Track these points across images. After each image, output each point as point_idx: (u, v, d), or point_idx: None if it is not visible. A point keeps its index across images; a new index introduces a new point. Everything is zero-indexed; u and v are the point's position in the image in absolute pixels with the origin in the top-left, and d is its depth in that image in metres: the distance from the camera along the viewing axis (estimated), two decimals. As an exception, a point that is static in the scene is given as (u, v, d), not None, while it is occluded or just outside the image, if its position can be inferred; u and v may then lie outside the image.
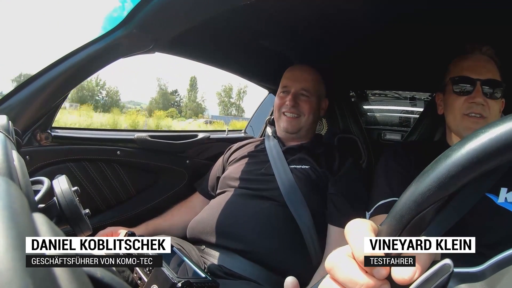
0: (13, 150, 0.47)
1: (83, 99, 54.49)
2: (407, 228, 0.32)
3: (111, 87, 61.51)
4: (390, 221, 0.34)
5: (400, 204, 0.33)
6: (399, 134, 1.89)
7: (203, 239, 1.17)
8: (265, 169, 1.29)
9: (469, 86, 0.98)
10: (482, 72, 0.98)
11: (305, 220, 1.15)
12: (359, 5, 1.06)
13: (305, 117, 1.35)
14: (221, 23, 1.18)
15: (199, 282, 0.76)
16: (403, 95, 2.13)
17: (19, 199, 0.20)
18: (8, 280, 0.13)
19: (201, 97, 66.84)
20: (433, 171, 0.30)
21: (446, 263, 0.31)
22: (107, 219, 1.34)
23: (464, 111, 0.98)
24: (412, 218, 0.32)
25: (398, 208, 0.33)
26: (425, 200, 0.31)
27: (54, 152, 1.17)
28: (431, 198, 0.30)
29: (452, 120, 1.03)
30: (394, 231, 0.33)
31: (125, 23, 1.00)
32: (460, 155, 0.29)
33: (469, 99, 0.97)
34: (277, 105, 1.39)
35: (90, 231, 0.64)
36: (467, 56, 1.03)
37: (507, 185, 0.91)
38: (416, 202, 0.31)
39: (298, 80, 1.36)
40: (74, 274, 0.17)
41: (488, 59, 1.01)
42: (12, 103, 0.96)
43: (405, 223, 0.32)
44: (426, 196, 0.30)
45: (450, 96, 1.03)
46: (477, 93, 0.97)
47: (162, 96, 63.21)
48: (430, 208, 0.31)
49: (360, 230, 0.35)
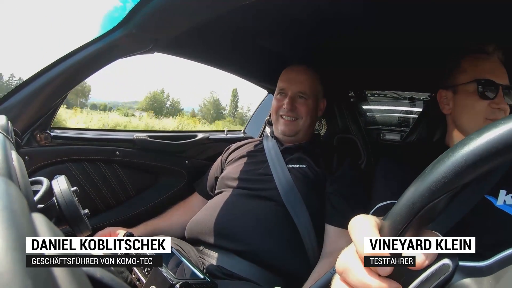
0: (12, 150, 0.47)
1: (155, 109, 63.45)
2: (417, 217, 0.31)
3: (174, 97, 72.48)
4: (400, 208, 0.33)
5: (411, 192, 0.32)
6: (398, 134, 1.90)
7: (201, 240, 1.17)
8: (263, 169, 1.29)
9: (493, 90, 0.96)
10: (503, 77, 0.97)
11: (303, 220, 1.15)
12: (358, 4, 1.06)
13: (302, 119, 1.35)
14: (219, 23, 1.18)
15: (197, 283, 0.75)
16: (402, 95, 2.13)
17: (19, 200, 0.20)
18: (8, 281, 0.13)
19: (247, 107, 70.90)
20: (450, 159, 0.30)
21: (445, 263, 0.31)
22: (106, 219, 1.33)
23: (488, 115, 0.96)
24: (424, 206, 0.31)
25: (409, 195, 0.32)
26: (440, 188, 0.30)
27: (53, 152, 1.17)
28: (446, 186, 0.30)
29: (470, 123, 1.01)
30: (404, 219, 0.32)
31: (124, 23, 1.00)
32: (479, 143, 0.28)
33: (493, 104, 0.96)
34: (274, 107, 1.39)
35: (89, 231, 0.64)
36: (488, 58, 1.00)
37: (506, 187, 0.91)
38: (430, 190, 0.30)
39: (295, 83, 1.36)
40: (74, 275, 0.17)
41: (501, 63, 1.00)
42: (11, 103, 0.96)
43: (416, 210, 0.31)
44: (441, 183, 0.30)
45: (470, 98, 1.00)
46: (500, 98, 0.95)
47: (214, 106, 67.94)
48: (443, 197, 0.30)
49: (363, 227, 0.35)
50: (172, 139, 1.56)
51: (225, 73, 1.73)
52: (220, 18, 1.06)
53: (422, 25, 1.14)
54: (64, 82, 1.02)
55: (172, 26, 1.06)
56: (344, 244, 0.41)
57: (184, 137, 1.61)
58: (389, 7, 1.05)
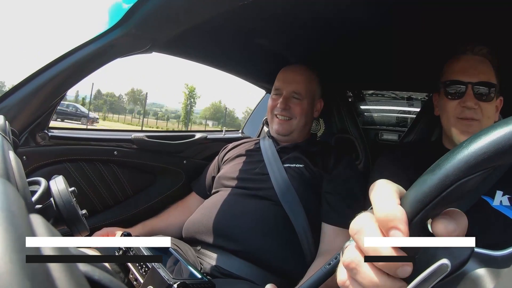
0: (10, 150, 0.46)
1: (217, 118, 75.50)
2: (448, 191, 0.30)
3: (229, 108, 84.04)
4: (430, 179, 0.31)
5: (446, 163, 0.30)
6: (396, 134, 1.90)
7: (199, 239, 1.17)
8: (260, 168, 1.29)
9: (461, 89, 0.98)
10: (474, 74, 0.97)
11: (300, 219, 1.15)
12: (356, 4, 1.06)
13: (296, 119, 1.36)
14: (217, 23, 1.18)
15: (195, 283, 0.75)
16: (400, 95, 2.14)
17: (16, 200, 0.20)
18: (6, 283, 0.13)
19: (245, 110, 76.10)
20: (492, 136, 0.28)
21: (443, 263, 0.31)
22: (104, 219, 1.33)
23: (458, 114, 0.98)
24: (459, 180, 0.29)
25: (442, 167, 0.30)
26: (479, 164, 0.28)
27: (51, 152, 1.17)
28: (485, 163, 0.28)
29: (445, 123, 1.03)
30: (433, 191, 0.30)
31: (122, 22, 1.00)
32: None
33: (461, 103, 0.97)
34: (270, 106, 1.40)
35: (87, 232, 0.64)
36: (459, 58, 1.02)
37: (503, 188, 0.92)
38: (468, 164, 0.29)
39: (290, 82, 1.36)
40: (72, 276, 0.17)
41: (482, 59, 1.00)
42: (9, 103, 0.95)
43: (449, 184, 0.29)
44: (481, 159, 0.28)
45: (443, 99, 1.03)
46: (468, 96, 0.96)
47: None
48: (479, 174, 0.29)
49: (384, 191, 0.34)
50: (170, 139, 1.56)
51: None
52: (219, 17, 1.06)
53: (418, 25, 1.14)
54: (62, 82, 1.01)
55: (171, 25, 1.05)
56: (341, 243, 0.40)
57: (182, 137, 1.61)
58: (390, 7, 1.05)
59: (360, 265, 0.33)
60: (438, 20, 1.09)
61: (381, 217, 0.31)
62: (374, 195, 0.34)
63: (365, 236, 0.32)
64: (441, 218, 0.32)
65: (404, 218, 0.31)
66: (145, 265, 0.77)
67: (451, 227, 0.31)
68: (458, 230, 0.31)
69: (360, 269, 0.33)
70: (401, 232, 0.30)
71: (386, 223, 0.31)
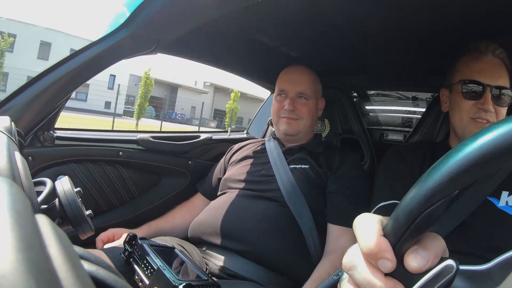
0: (16, 151, 0.47)
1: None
2: (415, 223, 0.31)
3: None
4: (399, 214, 0.33)
5: (409, 199, 0.32)
6: (402, 135, 1.89)
7: (204, 240, 1.17)
8: (266, 170, 1.29)
9: (479, 90, 0.96)
10: (495, 77, 0.95)
11: (306, 220, 1.15)
12: (359, 3, 1.05)
13: (304, 120, 1.35)
14: (221, 23, 1.18)
15: (200, 285, 0.75)
16: (405, 95, 2.13)
17: (22, 201, 0.20)
18: (11, 283, 0.13)
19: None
20: (444, 165, 0.29)
21: (448, 264, 0.31)
22: (110, 220, 1.34)
23: (472, 115, 0.96)
24: (422, 212, 0.31)
25: (406, 202, 0.32)
26: (435, 195, 0.30)
27: (57, 153, 1.17)
28: (441, 193, 0.30)
29: (457, 121, 1.02)
30: (402, 225, 0.32)
31: (127, 23, 1.01)
32: (472, 149, 0.28)
33: (478, 104, 0.95)
34: (275, 109, 1.39)
35: (93, 232, 0.65)
36: (480, 57, 0.99)
37: (508, 188, 0.91)
38: (426, 197, 0.30)
39: (295, 83, 1.36)
40: (77, 276, 0.17)
41: (500, 63, 0.98)
42: (15, 104, 0.96)
43: (414, 217, 0.31)
44: (437, 190, 0.30)
45: (457, 97, 1.01)
46: (486, 99, 0.94)
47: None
48: (440, 203, 0.30)
49: (367, 225, 0.35)
50: (175, 139, 1.56)
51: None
52: (223, 17, 1.06)
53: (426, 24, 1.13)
54: (68, 83, 1.02)
55: (176, 27, 1.06)
56: (346, 243, 0.41)
57: (187, 138, 1.61)
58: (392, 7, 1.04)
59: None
60: (443, 17, 1.08)
61: (367, 252, 0.33)
62: (357, 232, 0.36)
63: (358, 274, 0.35)
64: (412, 253, 0.33)
65: (388, 248, 0.33)
66: (151, 266, 0.77)
67: (422, 261, 0.32)
68: (432, 256, 0.32)
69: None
70: (389, 261, 0.33)
71: (374, 256, 0.33)
